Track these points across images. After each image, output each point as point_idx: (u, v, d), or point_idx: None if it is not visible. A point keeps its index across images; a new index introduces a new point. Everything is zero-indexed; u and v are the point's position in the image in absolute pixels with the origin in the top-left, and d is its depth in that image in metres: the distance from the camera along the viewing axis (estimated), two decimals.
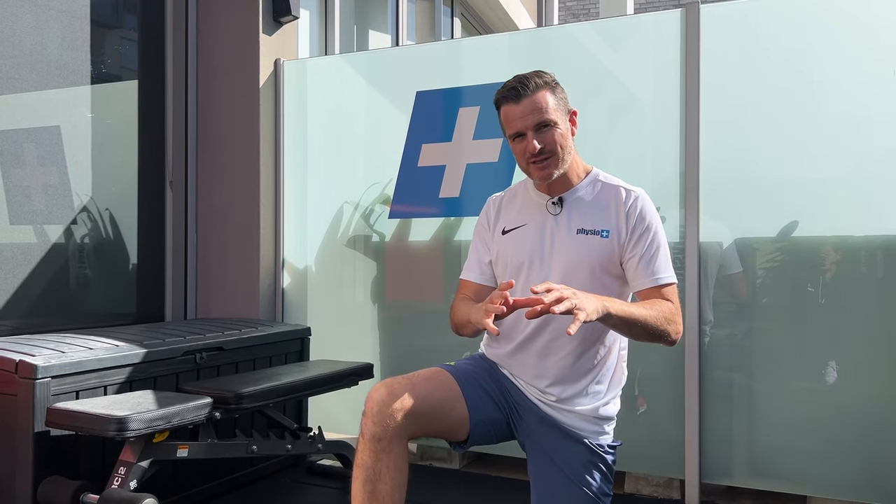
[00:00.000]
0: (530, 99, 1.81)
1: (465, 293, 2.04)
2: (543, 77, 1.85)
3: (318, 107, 3.60)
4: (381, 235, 3.46)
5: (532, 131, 1.81)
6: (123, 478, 2.15)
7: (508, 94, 1.84)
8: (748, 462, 2.77)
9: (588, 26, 3.24)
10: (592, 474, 1.84)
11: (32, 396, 2.15)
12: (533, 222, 1.92)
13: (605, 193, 1.90)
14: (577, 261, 1.83)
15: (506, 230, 1.97)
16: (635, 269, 1.83)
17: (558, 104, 1.84)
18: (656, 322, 1.73)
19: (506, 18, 7.66)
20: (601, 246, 1.84)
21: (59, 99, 3.09)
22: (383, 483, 1.64)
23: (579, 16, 13.45)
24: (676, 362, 2.82)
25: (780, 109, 2.73)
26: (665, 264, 1.84)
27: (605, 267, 1.84)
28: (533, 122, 1.81)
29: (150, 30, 3.52)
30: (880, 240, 2.61)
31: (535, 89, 1.82)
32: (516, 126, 1.83)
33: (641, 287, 1.83)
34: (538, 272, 1.87)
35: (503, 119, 1.88)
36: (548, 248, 1.88)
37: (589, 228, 1.85)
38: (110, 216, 3.32)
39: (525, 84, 1.82)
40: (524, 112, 1.81)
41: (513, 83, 1.84)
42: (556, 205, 1.90)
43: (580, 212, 1.88)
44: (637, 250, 1.83)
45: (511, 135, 1.86)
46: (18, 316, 2.89)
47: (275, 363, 3.07)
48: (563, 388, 1.86)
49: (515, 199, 2.02)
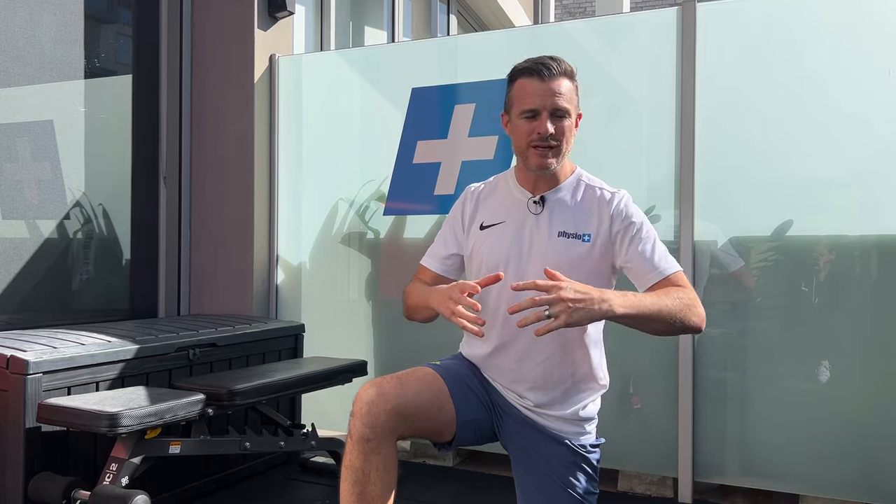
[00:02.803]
0: (557, 81, 1.75)
1: (422, 278, 1.98)
2: (571, 67, 1.80)
3: (313, 103, 3.59)
4: (375, 232, 3.45)
5: (548, 113, 1.75)
6: (115, 474, 2.14)
7: (536, 68, 1.76)
8: (741, 460, 2.77)
9: (584, 24, 3.24)
10: (576, 475, 1.82)
11: (23, 392, 2.14)
12: (512, 220, 1.87)
13: (589, 196, 1.84)
14: (557, 264, 1.75)
15: (484, 225, 1.90)
16: (640, 267, 1.77)
17: (574, 98, 1.80)
18: (677, 312, 1.65)
19: (502, 15, 7.65)
20: (582, 250, 1.79)
21: (53, 93, 3.07)
22: (372, 484, 1.61)
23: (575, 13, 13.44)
24: (670, 361, 2.83)
25: (775, 108, 2.73)
26: (665, 255, 1.79)
27: (585, 271, 1.78)
28: (552, 104, 1.75)
29: (145, 24, 3.50)
30: (874, 239, 2.61)
31: (564, 74, 1.77)
32: (533, 102, 1.75)
33: (650, 283, 1.76)
34: (515, 273, 1.82)
35: (516, 92, 1.79)
36: (526, 248, 1.83)
37: (570, 232, 1.80)
38: (103, 211, 3.31)
39: (558, 64, 1.76)
40: (547, 92, 1.74)
41: (543, 59, 1.77)
42: (538, 204, 1.85)
43: (562, 213, 1.83)
44: (633, 251, 1.78)
45: (523, 110, 1.77)
46: (10, 311, 2.88)
47: (268, 360, 3.07)
48: (543, 394, 1.82)
49: (496, 193, 1.94)
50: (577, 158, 1.94)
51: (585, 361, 1.84)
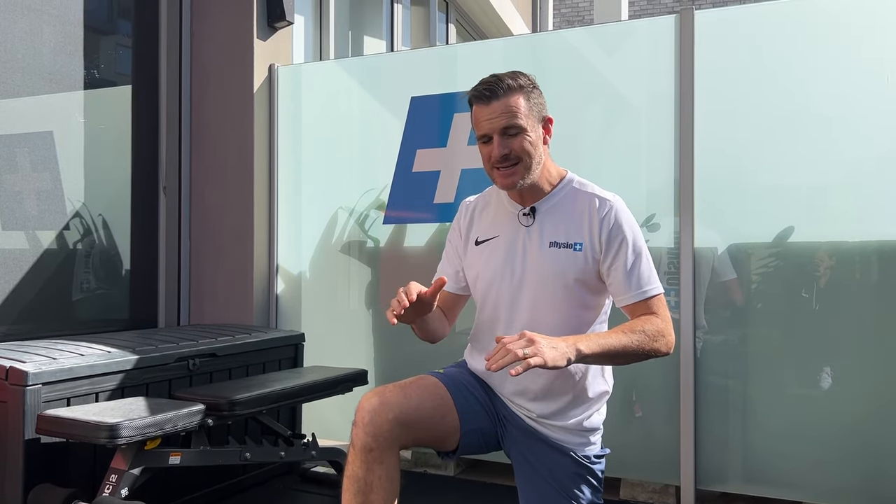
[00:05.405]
0: (501, 101, 1.73)
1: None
2: (519, 79, 1.76)
3: (312, 112, 3.60)
4: (375, 241, 3.45)
5: (498, 135, 1.73)
6: (115, 485, 2.13)
7: (479, 94, 1.75)
8: (743, 468, 2.76)
9: (582, 32, 3.25)
10: (580, 486, 1.81)
11: (23, 403, 2.13)
12: (505, 234, 1.86)
13: (579, 202, 1.82)
14: (551, 276, 1.77)
15: (479, 241, 1.91)
16: (618, 284, 1.75)
17: (531, 110, 1.76)
18: (641, 346, 1.66)
19: (500, 24, 7.68)
20: (574, 259, 1.77)
21: (53, 104, 3.08)
22: (375, 494, 1.60)
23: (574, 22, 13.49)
24: (671, 369, 2.82)
25: (774, 115, 2.74)
26: (648, 274, 1.76)
27: (580, 280, 1.77)
28: (500, 125, 1.72)
29: (144, 35, 3.51)
30: (874, 246, 2.61)
31: (508, 91, 1.73)
32: (483, 128, 1.75)
33: (627, 303, 1.76)
34: (509, 287, 1.82)
35: (473, 119, 1.79)
36: (520, 262, 1.82)
37: (561, 241, 1.79)
38: (103, 221, 3.31)
39: (498, 85, 1.73)
40: (493, 114, 1.73)
41: (486, 82, 1.76)
42: (528, 216, 1.84)
43: (553, 223, 1.81)
44: (616, 264, 1.75)
45: (479, 136, 1.78)
46: (9, 322, 2.87)
47: (268, 369, 3.06)
48: (545, 405, 1.82)
49: (488, 207, 1.94)
50: (575, 165, 1.94)
51: (588, 371, 1.84)
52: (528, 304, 1.80)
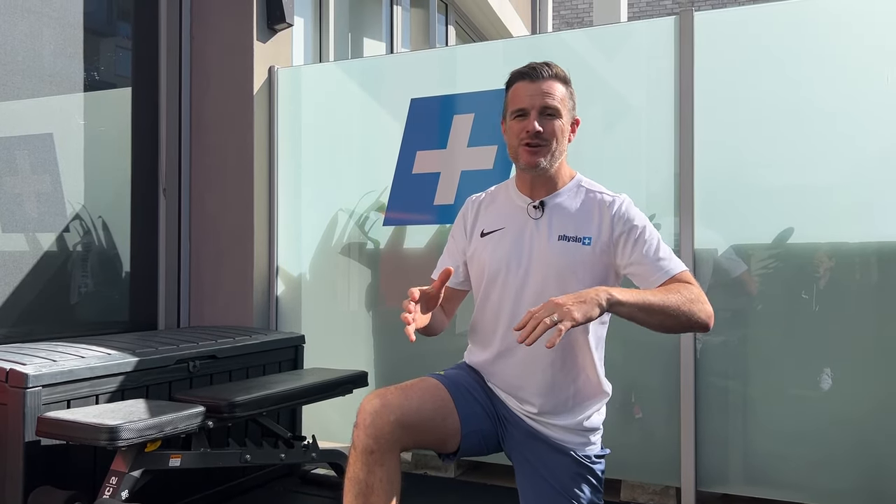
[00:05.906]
0: (547, 82, 1.81)
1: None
2: (565, 73, 1.87)
3: (312, 114, 3.60)
4: (375, 243, 3.45)
5: (536, 112, 1.80)
6: (115, 487, 2.12)
7: (527, 72, 1.83)
8: (744, 470, 2.76)
9: (582, 34, 3.25)
10: (581, 486, 1.81)
11: (23, 405, 2.13)
12: (512, 226, 1.88)
13: (589, 200, 1.85)
14: (558, 268, 1.79)
15: (485, 232, 1.92)
16: (645, 268, 1.77)
17: (567, 101, 1.85)
18: (679, 306, 1.64)
19: (500, 26, 7.69)
20: (582, 253, 1.79)
21: (53, 106, 3.08)
22: (376, 496, 1.60)
23: (573, 24, 13.50)
24: (672, 370, 2.82)
25: (773, 116, 2.74)
26: (670, 255, 1.79)
27: (586, 274, 1.78)
28: (540, 103, 1.80)
29: (144, 37, 3.51)
30: (875, 246, 2.61)
31: (555, 77, 1.83)
32: (523, 102, 1.81)
33: (657, 284, 1.75)
34: (516, 277, 1.83)
35: (511, 96, 1.86)
36: (526, 253, 1.83)
37: (570, 235, 1.81)
38: (103, 224, 3.31)
39: (549, 68, 1.83)
40: (536, 91, 1.80)
41: (536, 63, 1.84)
42: (538, 209, 1.86)
43: (562, 218, 1.84)
44: (638, 254, 1.78)
45: (514, 111, 1.83)
46: (10, 324, 2.87)
47: (268, 371, 3.05)
48: (545, 401, 1.82)
49: (496, 201, 1.97)
50: (576, 166, 1.95)
51: (588, 367, 1.84)
52: (533, 295, 1.80)
